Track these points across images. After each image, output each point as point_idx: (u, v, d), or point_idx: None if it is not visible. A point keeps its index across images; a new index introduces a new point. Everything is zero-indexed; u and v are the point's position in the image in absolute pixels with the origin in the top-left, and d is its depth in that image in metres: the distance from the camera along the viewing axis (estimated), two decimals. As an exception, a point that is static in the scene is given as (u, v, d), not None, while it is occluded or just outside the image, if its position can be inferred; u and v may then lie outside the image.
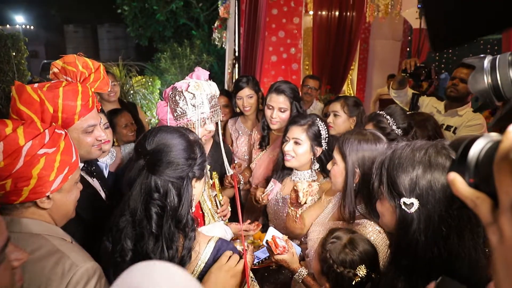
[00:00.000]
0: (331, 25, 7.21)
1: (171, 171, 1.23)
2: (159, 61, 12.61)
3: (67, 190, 1.25)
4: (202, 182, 1.40)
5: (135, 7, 13.92)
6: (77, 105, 1.49)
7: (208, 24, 13.31)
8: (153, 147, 1.26)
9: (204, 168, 1.36)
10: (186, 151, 1.27)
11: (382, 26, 8.26)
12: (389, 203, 1.14)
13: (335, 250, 1.37)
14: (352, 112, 2.63)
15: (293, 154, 2.07)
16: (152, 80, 9.33)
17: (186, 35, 14.17)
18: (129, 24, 14.62)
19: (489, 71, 0.87)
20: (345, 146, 1.62)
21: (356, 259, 1.33)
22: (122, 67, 8.15)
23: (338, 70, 7.21)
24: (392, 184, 1.10)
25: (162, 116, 1.78)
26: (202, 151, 1.35)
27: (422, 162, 1.05)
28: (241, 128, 3.04)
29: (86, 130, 1.55)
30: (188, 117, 1.71)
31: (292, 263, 1.69)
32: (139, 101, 8.18)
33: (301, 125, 2.07)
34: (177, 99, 1.71)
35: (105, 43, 22.84)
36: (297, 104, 2.51)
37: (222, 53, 11.24)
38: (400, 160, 1.09)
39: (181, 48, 12.45)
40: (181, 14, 13.86)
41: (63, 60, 1.61)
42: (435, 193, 1.02)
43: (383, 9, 6.96)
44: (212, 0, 12.88)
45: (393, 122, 2.04)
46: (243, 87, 2.89)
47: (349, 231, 1.43)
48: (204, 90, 1.73)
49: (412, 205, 1.05)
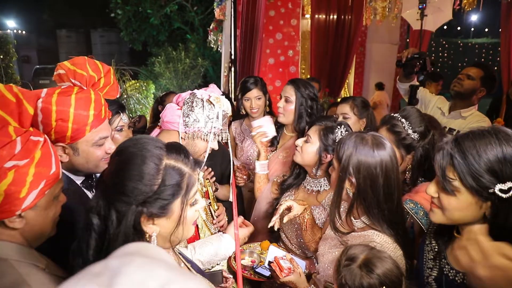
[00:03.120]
0: (329, 28, 7.16)
1: (116, 195, 1.00)
2: (153, 65, 12.51)
3: (43, 207, 1.06)
4: (172, 220, 1.07)
5: (128, 11, 13.81)
6: (90, 115, 1.35)
7: (203, 28, 13.24)
8: (113, 158, 1.05)
9: (169, 205, 1.04)
10: (141, 178, 0.99)
11: (378, 29, 8.23)
12: (471, 196, 1.12)
13: (350, 274, 1.20)
14: (362, 113, 2.49)
15: (300, 150, 1.97)
16: (146, 85, 9.21)
17: (180, 39, 14.07)
18: (123, 28, 14.50)
19: None
20: (341, 150, 1.47)
21: (375, 283, 1.17)
22: (116, 71, 8.03)
23: (336, 73, 7.14)
24: (478, 175, 1.08)
25: (169, 119, 1.66)
26: (176, 182, 1.04)
27: (502, 144, 1.07)
28: (247, 131, 2.91)
29: (98, 143, 1.41)
30: (199, 127, 1.63)
31: (299, 284, 1.56)
32: (133, 105, 8.04)
33: (319, 124, 1.94)
34: (193, 106, 1.63)
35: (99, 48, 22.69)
36: (306, 102, 2.37)
37: (217, 57, 11.15)
38: (478, 149, 1.09)
39: (176, 52, 12.36)
40: (175, 18, 13.78)
41: (72, 62, 1.46)
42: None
43: (381, 12, 6.91)
44: (207, 4, 12.81)
45: (408, 125, 1.88)
46: (251, 88, 2.77)
47: (366, 248, 1.26)
48: (223, 105, 1.67)
49: (510, 189, 1.06)
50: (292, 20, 5.23)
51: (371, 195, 1.40)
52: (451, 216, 1.19)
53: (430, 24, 5.60)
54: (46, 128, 1.30)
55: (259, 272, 1.79)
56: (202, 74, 12.78)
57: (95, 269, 0.53)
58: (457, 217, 1.18)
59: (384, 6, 6.79)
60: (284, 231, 2.09)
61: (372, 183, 1.39)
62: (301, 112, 2.37)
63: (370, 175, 1.39)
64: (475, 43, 18.53)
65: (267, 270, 1.79)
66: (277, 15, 5.15)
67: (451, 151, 1.14)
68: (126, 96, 7.93)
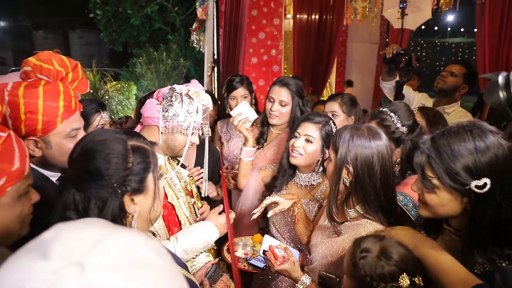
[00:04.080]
0: (311, 27, 7.23)
1: (94, 183, 1.02)
2: (135, 66, 12.37)
3: (6, 205, 1.02)
4: (149, 196, 1.15)
5: (108, 12, 13.59)
6: (59, 106, 1.34)
7: (184, 28, 13.15)
8: (76, 154, 1.06)
9: (144, 179, 1.12)
10: (115, 158, 1.04)
11: (359, 29, 8.35)
12: (451, 193, 1.15)
13: (369, 265, 1.20)
14: (351, 111, 2.52)
15: (302, 152, 1.93)
16: (127, 86, 9.11)
17: (162, 40, 13.94)
18: (103, 29, 14.26)
19: (503, 86, 0.93)
20: (338, 141, 1.51)
21: (396, 270, 1.18)
22: (96, 72, 7.90)
23: (318, 72, 7.21)
24: (454, 173, 1.11)
25: (149, 114, 1.67)
26: (144, 158, 1.12)
27: (476, 141, 1.09)
28: (232, 130, 2.91)
29: (70, 134, 1.40)
30: (179, 121, 1.63)
31: (293, 272, 1.58)
32: (115, 106, 7.95)
33: (316, 122, 1.94)
34: (173, 100, 1.63)
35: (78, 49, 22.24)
36: (300, 101, 2.38)
37: (199, 57, 11.11)
38: (452, 147, 1.12)
39: (157, 53, 12.25)
40: (156, 18, 13.64)
41: (37, 57, 1.46)
42: (500, 164, 1.08)
43: (361, 12, 7.02)
44: (188, 4, 12.73)
45: (397, 119, 1.93)
46: (237, 87, 2.76)
47: (377, 238, 1.28)
48: (202, 99, 1.68)
49: (485, 185, 1.08)
50: (275, 19, 5.25)
51: (368, 182, 1.44)
52: (436, 212, 1.22)
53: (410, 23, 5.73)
54: (15, 122, 1.29)
55: (253, 264, 1.81)
56: (184, 75, 12.70)
57: (29, 245, 0.52)
58: (441, 212, 1.21)
59: (364, 6, 6.91)
60: (274, 225, 2.10)
61: (369, 170, 1.44)
62: (297, 113, 2.39)
63: (367, 163, 1.44)
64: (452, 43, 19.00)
65: (261, 262, 1.81)
66: (260, 14, 5.16)
67: (427, 151, 1.18)
68: (108, 98, 7.84)
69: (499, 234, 1.09)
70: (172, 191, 1.73)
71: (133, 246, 0.52)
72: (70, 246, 0.49)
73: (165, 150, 1.70)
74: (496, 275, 1.06)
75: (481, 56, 6.21)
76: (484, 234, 1.11)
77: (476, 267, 1.12)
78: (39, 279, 0.45)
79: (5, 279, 0.47)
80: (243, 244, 2.00)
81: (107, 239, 0.51)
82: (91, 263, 0.47)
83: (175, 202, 1.72)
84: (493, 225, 1.10)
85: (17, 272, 0.47)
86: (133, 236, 0.55)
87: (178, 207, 1.74)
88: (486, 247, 1.11)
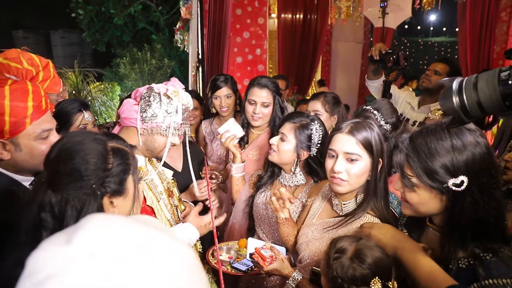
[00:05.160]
0: (296, 27, 7.25)
1: (72, 184, 0.99)
2: (118, 66, 12.21)
3: None
4: (128, 199, 1.13)
5: (90, 11, 13.37)
6: (28, 106, 1.28)
7: (168, 28, 13.02)
8: (54, 155, 1.03)
9: (124, 181, 1.10)
10: (94, 158, 1.02)
11: (343, 28, 8.41)
12: (430, 191, 1.15)
13: (341, 267, 1.19)
14: (333, 110, 2.51)
15: (275, 149, 1.96)
16: (111, 87, 8.98)
17: (146, 40, 13.78)
18: (85, 29, 14.02)
19: (457, 92, 0.94)
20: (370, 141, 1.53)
21: (368, 273, 1.16)
22: (79, 72, 7.76)
23: (303, 71, 7.23)
24: (431, 172, 1.12)
25: (127, 115, 1.61)
26: (124, 160, 1.10)
27: (453, 142, 1.10)
28: (217, 130, 2.88)
29: (40, 136, 1.34)
30: (157, 122, 1.58)
31: (283, 269, 1.56)
32: (98, 107, 7.82)
33: (293, 122, 1.94)
34: (151, 100, 1.57)
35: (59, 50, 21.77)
36: (279, 99, 2.40)
37: (183, 57, 11.02)
38: (429, 146, 1.12)
39: (141, 53, 12.12)
40: (140, 18, 13.47)
41: (4, 56, 1.40)
42: (476, 162, 1.09)
43: (345, 11, 7.07)
44: (171, 4, 12.61)
45: (380, 117, 1.95)
46: (221, 86, 2.73)
47: (353, 239, 1.27)
48: (182, 99, 1.62)
49: (462, 183, 1.09)
50: (259, 18, 5.24)
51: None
52: (417, 210, 1.23)
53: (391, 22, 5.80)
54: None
55: (236, 267, 1.81)
56: (169, 75, 12.58)
57: (69, 228, 0.55)
58: (423, 210, 1.22)
59: (348, 6, 6.95)
60: (261, 228, 2.09)
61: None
62: (277, 111, 2.40)
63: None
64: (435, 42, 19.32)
65: (244, 265, 1.80)
66: (244, 13, 5.15)
67: (406, 150, 1.19)
68: (91, 98, 7.70)
69: (477, 230, 1.11)
70: (152, 193, 1.68)
71: (160, 249, 0.52)
72: (90, 237, 0.50)
73: (145, 152, 1.65)
74: (479, 269, 1.07)
75: (463, 55, 6.30)
76: (463, 231, 1.12)
77: (461, 261, 1.13)
78: (57, 261, 0.48)
79: (36, 257, 0.50)
80: (227, 248, 2.01)
81: (130, 237, 0.51)
82: (104, 257, 0.48)
83: (155, 205, 1.67)
84: (471, 222, 1.11)
85: (44, 252, 0.51)
86: (165, 239, 0.54)
87: (159, 210, 1.70)
88: (466, 243, 1.12)
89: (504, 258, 1.05)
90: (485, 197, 1.09)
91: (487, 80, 0.88)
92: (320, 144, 1.91)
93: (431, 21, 21.35)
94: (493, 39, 5.96)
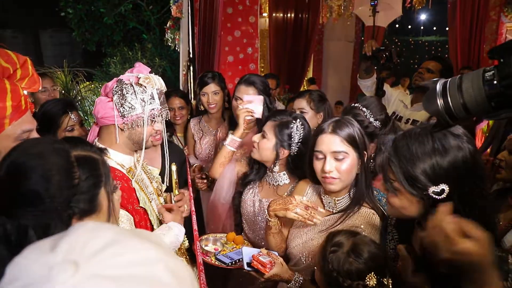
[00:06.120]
0: (287, 26, 7.24)
1: (30, 209, 0.82)
2: (109, 66, 12.08)
3: None
4: (102, 215, 0.97)
5: (80, 10, 13.22)
6: (7, 106, 1.22)
7: (159, 27, 12.92)
8: (4, 172, 0.85)
9: (95, 197, 0.94)
10: (55, 175, 0.85)
11: (335, 27, 8.42)
12: (411, 197, 1.12)
13: (337, 261, 1.20)
14: (319, 107, 2.51)
15: (256, 146, 1.97)
16: (102, 86, 8.89)
17: (136, 39, 13.67)
18: (75, 28, 13.86)
19: (441, 93, 0.91)
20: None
21: (363, 268, 1.17)
22: (68, 72, 7.66)
23: (295, 70, 7.23)
24: (412, 178, 1.08)
25: (104, 114, 1.55)
26: (93, 172, 0.94)
27: (435, 147, 1.06)
28: (205, 127, 2.86)
29: (20, 137, 1.28)
30: (138, 113, 1.53)
31: (284, 273, 1.53)
32: (88, 107, 7.73)
33: (274, 120, 1.95)
34: (124, 93, 1.52)
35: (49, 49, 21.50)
36: (267, 99, 2.37)
37: (175, 56, 10.96)
38: (411, 151, 1.08)
39: (132, 53, 12.01)
40: (130, 17, 13.35)
41: None
42: (459, 170, 1.04)
43: (336, 10, 7.07)
44: (162, 3, 12.51)
45: (370, 114, 1.95)
46: (208, 82, 2.70)
47: (350, 234, 1.28)
48: (155, 84, 1.58)
49: (443, 191, 1.05)
50: (250, 17, 5.20)
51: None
52: (401, 213, 1.21)
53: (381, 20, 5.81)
54: None
55: (220, 259, 1.82)
56: (160, 75, 12.47)
57: (54, 236, 0.52)
58: (406, 213, 1.20)
59: (339, 4, 6.96)
60: (248, 225, 2.08)
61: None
62: (265, 112, 2.37)
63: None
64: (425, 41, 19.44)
65: (228, 258, 1.80)
66: (235, 12, 5.11)
67: (388, 154, 1.16)
68: (81, 98, 7.61)
69: None
70: (144, 194, 1.65)
71: (147, 260, 0.48)
72: (78, 243, 0.47)
73: (131, 147, 1.62)
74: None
75: (453, 54, 6.35)
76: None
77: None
78: (36, 269, 0.46)
79: (17, 264, 0.48)
80: (214, 239, 2.00)
81: (119, 244, 0.48)
82: (87, 266, 0.45)
83: (147, 206, 1.64)
84: None
85: (25, 259, 0.48)
86: (153, 250, 0.50)
87: (151, 211, 1.67)
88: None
89: None
90: (466, 206, 1.05)
91: (472, 81, 0.86)
92: (301, 143, 1.89)
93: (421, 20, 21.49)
94: (482, 38, 6.01)
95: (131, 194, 1.59)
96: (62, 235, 0.50)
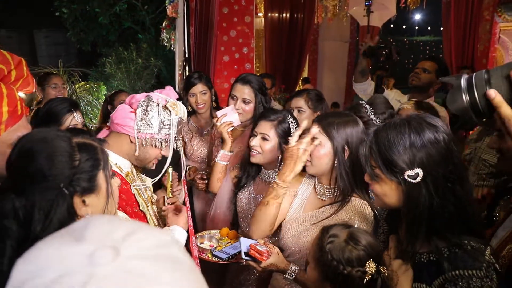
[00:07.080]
0: (283, 26, 7.26)
1: (37, 186, 0.93)
2: (104, 66, 12.06)
3: None
4: (101, 196, 1.08)
5: (75, 10, 13.17)
6: (3, 112, 1.18)
7: (154, 27, 12.91)
8: (14, 157, 0.97)
9: (94, 177, 1.05)
10: (58, 156, 0.96)
11: (330, 27, 8.44)
12: (390, 182, 1.18)
13: (336, 249, 1.22)
14: (316, 106, 2.51)
15: (259, 150, 1.96)
16: (97, 86, 8.88)
17: (132, 39, 13.63)
18: (70, 28, 13.81)
19: (466, 89, 0.89)
20: (331, 127, 1.59)
21: (363, 255, 1.20)
22: (63, 72, 7.65)
23: (291, 70, 7.26)
24: (390, 163, 1.15)
25: (121, 121, 1.57)
26: (92, 155, 1.05)
27: (412, 134, 1.12)
28: (194, 128, 2.86)
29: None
30: (153, 133, 1.56)
31: (280, 263, 1.55)
32: (84, 107, 7.72)
33: (271, 120, 1.95)
34: (148, 110, 1.55)
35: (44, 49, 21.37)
36: (263, 98, 2.39)
37: (170, 56, 10.94)
38: (389, 139, 1.15)
39: (127, 52, 12.00)
40: (125, 17, 13.33)
41: None
42: (433, 157, 1.11)
43: (331, 10, 7.10)
44: (157, 3, 12.48)
45: (371, 111, 1.99)
46: (195, 83, 2.71)
47: (344, 226, 1.30)
48: (179, 113, 1.61)
49: (417, 175, 1.11)
50: (246, 17, 5.21)
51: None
52: (383, 201, 1.25)
53: (376, 20, 5.83)
54: None
55: (216, 255, 1.84)
56: (155, 74, 12.47)
57: (59, 232, 0.53)
58: (388, 202, 1.23)
59: (334, 4, 6.99)
60: (245, 222, 2.10)
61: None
62: (260, 110, 2.38)
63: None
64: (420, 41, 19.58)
65: (224, 254, 1.83)
66: (231, 12, 5.11)
67: (369, 143, 1.23)
68: (76, 98, 7.59)
69: (436, 224, 1.12)
70: (142, 200, 1.68)
71: (165, 242, 0.53)
72: (105, 232, 0.50)
73: (133, 159, 1.64)
74: (444, 263, 1.08)
75: (447, 53, 6.39)
76: (419, 224, 1.14)
77: (423, 256, 1.16)
78: (76, 259, 0.46)
79: (40, 256, 0.48)
80: (209, 237, 2.03)
81: (139, 232, 0.52)
82: (126, 248, 0.48)
83: (146, 211, 1.67)
84: (427, 215, 1.13)
85: (52, 251, 0.48)
86: (163, 234, 0.55)
87: (150, 216, 1.70)
88: (426, 236, 1.14)
89: (468, 251, 1.06)
90: (439, 191, 1.11)
91: (503, 76, 0.83)
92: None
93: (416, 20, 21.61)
94: (476, 38, 6.05)
95: (130, 196, 1.60)
96: (79, 228, 0.52)
